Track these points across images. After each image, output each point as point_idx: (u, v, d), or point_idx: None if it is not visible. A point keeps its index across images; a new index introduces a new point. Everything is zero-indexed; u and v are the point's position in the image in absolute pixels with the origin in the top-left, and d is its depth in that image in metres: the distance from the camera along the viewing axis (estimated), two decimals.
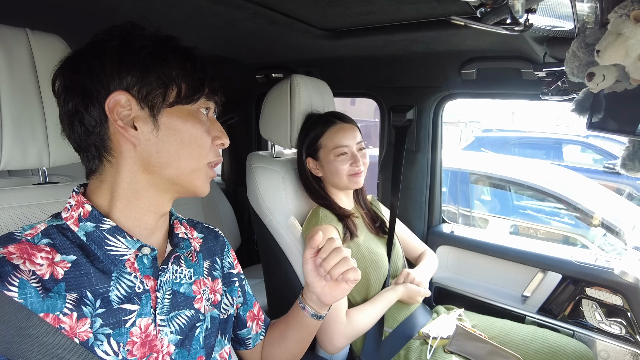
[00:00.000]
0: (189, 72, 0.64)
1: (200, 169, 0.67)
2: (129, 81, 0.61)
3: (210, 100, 0.69)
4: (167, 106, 0.63)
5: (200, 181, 0.68)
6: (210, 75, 0.67)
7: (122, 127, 0.61)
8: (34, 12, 1.08)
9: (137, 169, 0.64)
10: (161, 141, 0.63)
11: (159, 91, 0.62)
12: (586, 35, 0.76)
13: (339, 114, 1.39)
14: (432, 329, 1.30)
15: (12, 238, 0.59)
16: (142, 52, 0.61)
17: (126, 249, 0.64)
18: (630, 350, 1.36)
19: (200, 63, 0.66)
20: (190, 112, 0.65)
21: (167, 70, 0.62)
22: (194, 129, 0.65)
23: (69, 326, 0.57)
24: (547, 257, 1.53)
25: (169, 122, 0.63)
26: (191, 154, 0.65)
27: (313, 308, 0.83)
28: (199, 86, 0.65)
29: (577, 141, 5.42)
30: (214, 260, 0.82)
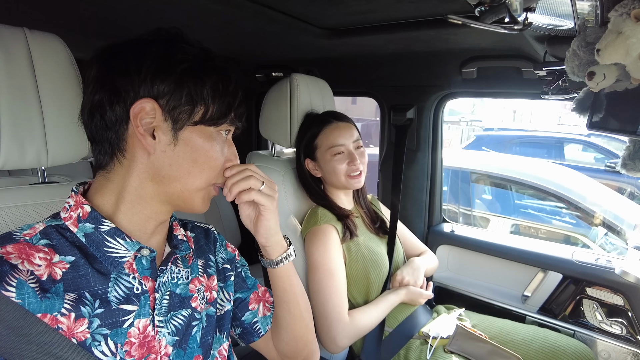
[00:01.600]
0: (220, 94, 0.65)
1: (205, 188, 0.68)
2: (160, 90, 0.61)
3: (233, 125, 0.69)
4: (190, 124, 0.63)
5: (200, 200, 0.68)
6: (239, 100, 0.68)
7: (142, 134, 0.61)
8: (32, 11, 1.08)
9: (146, 177, 0.64)
10: (176, 155, 0.63)
11: (187, 107, 0.62)
12: (587, 34, 0.76)
13: (336, 113, 1.38)
14: (432, 328, 1.30)
15: (11, 238, 0.59)
16: (181, 65, 0.61)
17: (125, 250, 0.63)
18: (631, 350, 1.35)
19: (233, 87, 0.67)
20: (212, 133, 0.66)
21: (200, 89, 0.63)
22: (211, 151, 0.66)
23: (66, 326, 0.57)
24: (548, 257, 1.53)
25: (188, 139, 0.64)
26: (201, 173, 0.66)
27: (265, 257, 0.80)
28: (227, 111, 0.66)
29: (578, 140, 5.41)
30: (208, 257, 0.81)
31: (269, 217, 0.75)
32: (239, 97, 0.68)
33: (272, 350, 0.89)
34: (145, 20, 1.17)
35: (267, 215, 0.75)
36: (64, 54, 0.78)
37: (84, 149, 0.82)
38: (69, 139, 0.79)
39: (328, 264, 1.18)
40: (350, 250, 1.27)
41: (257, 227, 0.76)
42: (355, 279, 1.28)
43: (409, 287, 1.31)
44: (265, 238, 0.77)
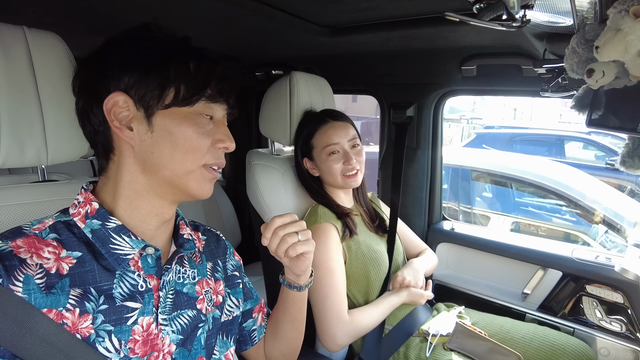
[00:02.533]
0: (190, 73, 0.63)
1: (195, 171, 0.66)
2: (129, 82, 0.62)
3: (215, 102, 0.67)
4: (162, 108, 0.63)
5: (195, 183, 0.67)
6: (217, 77, 0.66)
7: (118, 127, 0.62)
8: (31, 9, 1.08)
9: (136, 170, 0.65)
10: (155, 142, 0.63)
11: (155, 93, 0.62)
12: (586, 31, 0.75)
13: (332, 112, 1.38)
14: (432, 326, 1.30)
15: (21, 232, 0.60)
16: (145, 53, 0.62)
17: (130, 248, 0.64)
18: (630, 348, 1.35)
19: (207, 64, 0.66)
20: (187, 114, 0.64)
21: (166, 72, 0.62)
22: (188, 131, 0.64)
23: (71, 322, 0.58)
24: (548, 255, 1.53)
25: (163, 124, 0.63)
26: (185, 156, 0.64)
27: (290, 279, 0.85)
28: (199, 89, 0.64)
29: (579, 138, 5.41)
30: (216, 262, 0.82)
31: (311, 257, 0.81)
32: (215, 73, 0.66)
33: (262, 358, 0.94)
34: (145, 18, 1.16)
35: (310, 256, 0.80)
36: (63, 53, 0.78)
37: (83, 147, 0.82)
38: (69, 138, 0.79)
39: (328, 262, 1.19)
40: (350, 248, 1.27)
41: (297, 264, 0.80)
42: (355, 277, 1.28)
43: (410, 288, 1.31)
44: (303, 271, 0.82)
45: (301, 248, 0.75)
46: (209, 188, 0.70)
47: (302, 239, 0.75)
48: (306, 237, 0.76)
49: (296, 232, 0.75)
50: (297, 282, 0.85)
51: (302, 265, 0.80)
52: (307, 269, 0.83)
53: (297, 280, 0.85)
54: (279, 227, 0.74)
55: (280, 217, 0.75)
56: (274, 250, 0.75)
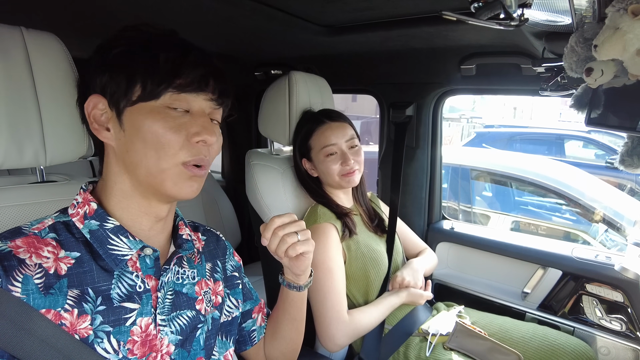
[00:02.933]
0: (154, 65, 0.60)
1: (169, 169, 0.62)
2: (101, 83, 0.62)
3: (189, 92, 0.62)
4: (129, 105, 0.62)
5: (170, 182, 0.63)
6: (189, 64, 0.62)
7: (97, 129, 0.64)
8: (29, 10, 1.08)
9: (119, 170, 0.65)
10: (129, 141, 0.63)
11: (123, 90, 0.61)
12: (584, 30, 0.75)
13: (329, 112, 1.37)
14: (432, 325, 1.30)
15: (20, 232, 0.60)
16: (113, 52, 0.62)
17: (128, 249, 0.64)
18: (630, 347, 1.35)
19: (177, 53, 0.62)
20: (153, 108, 0.61)
21: (131, 67, 0.61)
22: (155, 126, 0.61)
23: (69, 322, 0.58)
24: (548, 254, 1.53)
25: (132, 121, 0.62)
26: (156, 153, 0.61)
27: (289, 279, 0.85)
28: (164, 80, 0.60)
29: (579, 136, 5.41)
30: (216, 262, 0.82)
31: (311, 257, 0.80)
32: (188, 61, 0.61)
33: (262, 358, 0.94)
34: (143, 18, 1.16)
35: (309, 256, 0.79)
36: (62, 53, 0.78)
37: (82, 148, 0.82)
38: (67, 138, 0.79)
39: (327, 262, 1.18)
40: (350, 248, 1.27)
41: (297, 264, 0.79)
42: (355, 277, 1.28)
43: (410, 289, 1.31)
44: (302, 271, 0.82)
45: (301, 248, 0.75)
46: (188, 187, 0.65)
47: (302, 238, 0.75)
48: (306, 237, 0.76)
49: (296, 232, 0.74)
50: (296, 282, 0.84)
51: (301, 265, 0.80)
52: (306, 269, 0.82)
53: (296, 280, 0.84)
54: (278, 227, 0.73)
55: (279, 217, 0.74)
56: (274, 250, 0.74)
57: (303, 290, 0.86)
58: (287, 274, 0.85)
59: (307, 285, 0.87)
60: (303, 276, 0.84)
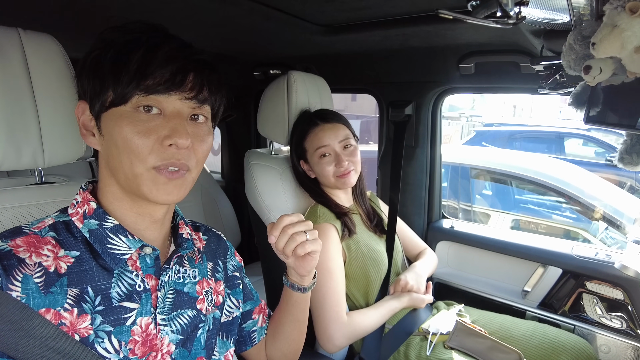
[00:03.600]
0: (122, 67, 0.57)
1: (142, 174, 0.60)
2: (85, 89, 0.62)
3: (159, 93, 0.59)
4: (104, 110, 0.61)
5: (146, 188, 0.60)
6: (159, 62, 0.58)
7: (84, 134, 0.65)
8: (26, 11, 1.08)
9: (108, 174, 0.65)
10: (107, 146, 0.62)
11: (97, 95, 0.60)
12: (582, 28, 0.75)
13: (323, 113, 1.36)
14: (432, 324, 1.30)
15: (20, 231, 0.60)
16: (91, 55, 0.61)
17: (127, 248, 0.64)
18: (631, 345, 1.35)
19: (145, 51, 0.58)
20: (123, 113, 0.59)
21: (102, 71, 0.59)
22: (124, 132, 0.58)
23: (69, 322, 0.58)
24: (548, 252, 1.53)
25: (106, 127, 0.61)
26: (128, 157, 0.59)
27: (294, 280, 0.84)
28: (130, 82, 0.57)
29: (578, 134, 5.41)
30: (217, 262, 0.82)
31: (317, 257, 0.79)
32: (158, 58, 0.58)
33: (263, 358, 0.93)
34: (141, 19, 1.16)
35: (316, 256, 0.78)
36: (59, 54, 0.78)
37: (80, 149, 0.82)
38: (65, 139, 0.79)
39: (326, 263, 1.18)
40: (350, 248, 1.27)
41: (303, 264, 0.79)
42: (355, 277, 1.28)
43: (412, 293, 1.30)
44: (308, 271, 0.81)
45: (310, 247, 0.74)
46: (166, 192, 0.61)
47: (310, 238, 0.74)
48: (314, 237, 0.75)
49: (304, 231, 0.73)
50: (301, 283, 0.84)
51: (307, 265, 0.79)
52: (312, 270, 0.82)
53: (301, 282, 0.84)
54: (287, 226, 0.73)
55: (288, 215, 0.74)
56: (281, 249, 0.73)
57: (307, 291, 0.85)
58: (292, 275, 0.84)
59: (312, 287, 0.86)
60: (308, 277, 0.83)
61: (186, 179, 0.63)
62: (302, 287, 0.84)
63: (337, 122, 1.33)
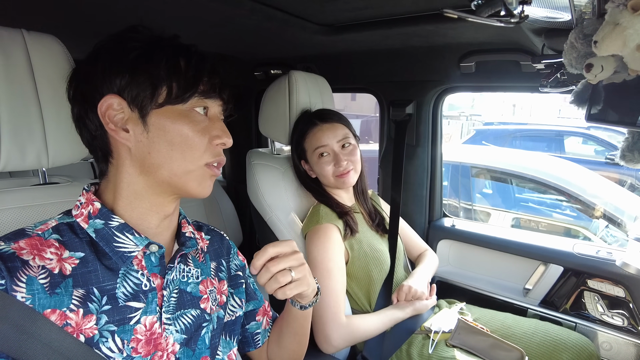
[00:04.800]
0: (180, 70, 0.63)
1: (195, 170, 0.65)
2: (120, 84, 0.62)
3: (209, 98, 0.66)
4: (156, 107, 0.62)
5: (194, 183, 0.66)
6: (208, 72, 0.65)
7: (114, 129, 0.63)
8: (30, 12, 1.08)
9: (134, 171, 0.65)
10: (152, 142, 0.63)
11: (148, 92, 0.62)
12: (584, 26, 0.76)
13: (321, 113, 1.37)
14: (434, 323, 1.31)
15: (23, 233, 0.60)
16: (132, 54, 0.62)
17: (134, 245, 0.64)
18: (632, 342, 1.36)
19: (197, 60, 0.65)
20: (181, 112, 0.64)
21: (156, 71, 0.62)
22: (184, 129, 0.63)
23: (75, 322, 0.58)
24: (549, 250, 1.53)
25: (158, 123, 0.63)
26: (183, 155, 0.64)
27: (294, 298, 0.81)
28: (191, 85, 0.63)
29: (578, 133, 5.41)
30: (220, 262, 0.82)
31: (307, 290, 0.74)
32: (206, 69, 0.65)
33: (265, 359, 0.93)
34: (143, 19, 1.15)
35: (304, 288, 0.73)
36: (62, 55, 0.78)
37: (84, 149, 0.82)
38: (69, 140, 0.80)
39: (326, 263, 1.19)
40: (353, 247, 1.27)
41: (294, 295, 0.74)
42: (357, 276, 1.28)
43: (415, 303, 1.30)
44: (302, 298, 0.78)
45: (293, 291, 0.69)
46: (209, 186, 0.69)
47: (296, 277, 0.69)
48: (301, 275, 0.70)
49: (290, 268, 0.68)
50: (299, 301, 0.81)
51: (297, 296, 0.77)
52: (306, 296, 0.78)
53: (300, 300, 0.81)
54: (271, 261, 0.67)
55: (274, 245, 0.68)
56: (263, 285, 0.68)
57: (307, 309, 0.82)
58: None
59: (312, 304, 0.82)
60: (306, 298, 0.79)
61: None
62: (300, 305, 0.81)
63: (336, 121, 1.33)
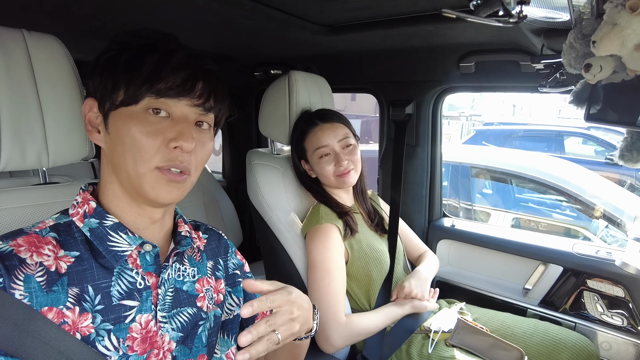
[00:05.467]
0: (135, 69, 0.60)
1: (146, 173, 0.62)
2: (94, 86, 0.64)
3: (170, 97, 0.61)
4: (113, 108, 0.63)
5: (148, 187, 0.62)
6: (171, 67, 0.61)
7: (89, 131, 0.66)
8: (30, 12, 1.08)
9: (109, 171, 0.67)
10: (112, 143, 0.64)
11: (108, 94, 0.62)
12: (583, 26, 0.76)
13: (322, 113, 1.37)
14: (434, 323, 1.31)
15: (22, 231, 0.61)
16: (105, 55, 0.63)
17: (127, 245, 0.65)
18: (632, 342, 1.36)
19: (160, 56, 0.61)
20: (132, 113, 0.61)
21: (116, 71, 0.61)
22: (132, 131, 0.61)
23: (71, 320, 0.58)
24: (548, 250, 1.53)
25: (114, 125, 0.63)
26: (133, 156, 0.61)
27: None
28: (143, 84, 0.60)
29: (578, 133, 5.41)
30: (217, 261, 0.82)
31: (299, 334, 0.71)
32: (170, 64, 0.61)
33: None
34: (144, 20, 1.17)
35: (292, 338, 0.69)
36: (63, 55, 0.78)
37: (84, 149, 0.83)
38: (70, 140, 0.80)
39: (326, 263, 1.19)
40: (353, 247, 1.27)
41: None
42: (357, 276, 1.28)
43: (414, 301, 1.30)
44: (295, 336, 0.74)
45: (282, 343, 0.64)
46: (167, 192, 0.63)
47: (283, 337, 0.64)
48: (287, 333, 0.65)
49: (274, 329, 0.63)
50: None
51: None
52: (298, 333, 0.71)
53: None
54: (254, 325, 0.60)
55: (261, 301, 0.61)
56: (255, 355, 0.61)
57: (303, 340, 0.78)
58: None
59: (309, 336, 0.77)
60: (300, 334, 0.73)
61: (184, 182, 0.65)
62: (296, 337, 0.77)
63: (336, 121, 1.34)
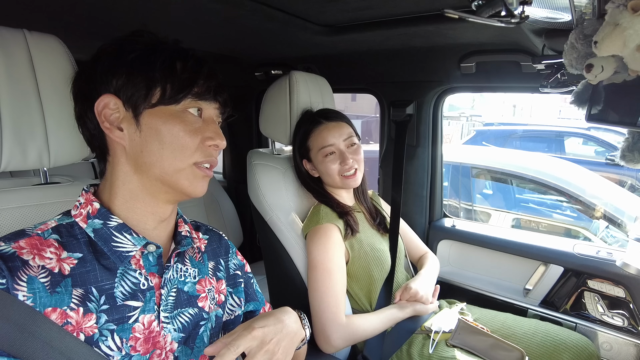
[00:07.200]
0: (176, 73, 0.65)
1: (184, 169, 0.67)
2: (116, 85, 0.64)
3: (203, 100, 0.68)
4: (149, 107, 0.64)
5: (186, 182, 0.67)
6: (204, 75, 0.67)
7: (108, 128, 0.65)
8: (31, 13, 1.08)
9: (129, 170, 0.67)
10: (144, 141, 0.65)
11: (142, 92, 0.64)
12: (584, 27, 0.76)
13: (326, 112, 1.37)
14: (435, 323, 1.31)
15: (24, 233, 0.61)
16: (130, 56, 0.64)
17: (132, 245, 0.65)
18: (632, 342, 1.36)
19: (193, 63, 0.67)
20: (173, 112, 0.65)
21: (151, 72, 0.64)
22: (175, 129, 0.65)
23: (75, 321, 0.59)
24: (549, 250, 1.53)
25: (150, 123, 0.64)
26: (173, 154, 0.65)
27: None
28: (184, 87, 0.65)
29: (578, 134, 5.41)
30: (218, 261, 0.83)
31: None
32: (202, 72, 0.67)
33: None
34: (145, 20, 1.17)
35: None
36: (64, 55, 0.78)
37: (85, 149, 0.83)
38: (70, 140, 0.80)
39: (326, 263, 1.19)
40: (353, 247, 1.27)
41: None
42: (358, 276, 1.28)
43: (416, 304, 1.30)
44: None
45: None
46: (202, 186, 0.69)
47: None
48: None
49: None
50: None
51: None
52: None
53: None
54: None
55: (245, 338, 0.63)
56: None
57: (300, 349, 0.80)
58: None
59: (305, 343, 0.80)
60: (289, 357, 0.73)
61: (211, 176, 0.72)
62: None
63: (341, 120, 1.34)
